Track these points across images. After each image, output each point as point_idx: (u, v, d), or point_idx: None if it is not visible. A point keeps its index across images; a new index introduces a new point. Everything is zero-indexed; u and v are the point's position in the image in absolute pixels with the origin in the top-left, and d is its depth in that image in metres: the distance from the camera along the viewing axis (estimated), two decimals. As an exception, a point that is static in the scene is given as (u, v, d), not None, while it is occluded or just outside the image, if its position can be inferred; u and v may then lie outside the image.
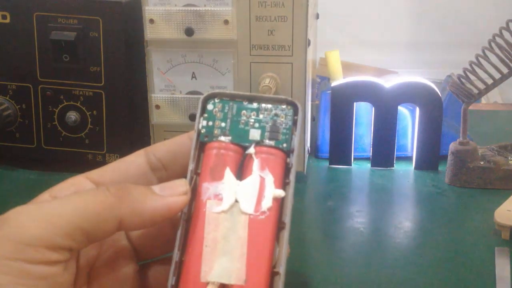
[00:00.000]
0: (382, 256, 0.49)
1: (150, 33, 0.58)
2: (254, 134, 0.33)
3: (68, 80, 0.62)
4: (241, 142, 0.33)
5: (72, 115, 0.62)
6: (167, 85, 0.60)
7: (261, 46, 0.57)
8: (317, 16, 0.72)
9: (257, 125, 0.33)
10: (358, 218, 0.55)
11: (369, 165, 0.67)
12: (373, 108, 0.65)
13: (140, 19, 0.58)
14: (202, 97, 0.34)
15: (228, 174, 0.32)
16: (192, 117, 0.59)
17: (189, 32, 0.57)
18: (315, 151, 0.70)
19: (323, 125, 0.69)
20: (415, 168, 0.67)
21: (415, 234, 0.53)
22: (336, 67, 0.71)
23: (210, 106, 0.34)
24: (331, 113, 0.66)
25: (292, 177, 0.32)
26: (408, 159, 0.68)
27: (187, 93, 0.60)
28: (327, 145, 0.68)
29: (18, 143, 0.65)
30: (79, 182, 0.33)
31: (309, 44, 0.58)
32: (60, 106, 0.63)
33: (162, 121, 0.61)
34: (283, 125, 0.33)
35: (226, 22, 0.56)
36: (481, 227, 0.53)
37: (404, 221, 0.55)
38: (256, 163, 0.32)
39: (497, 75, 0.59)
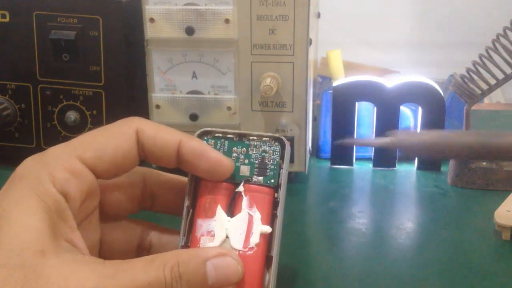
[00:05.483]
0: (384, 257, 0.49)
1: (150, 32, 0.57)
2: (244, 170, 0.35)
3: (68, 79, 0.62)
4: (232, 178, 0.35)
5: (72, 115, 0.62)
6: (168, 85, 0.59)
7: (262, 46, 0.57)
8: (319, 15, 0.72)
9: (246, 161, 0.35)
10: (359, 219, 0.55)
11: (371, 165, 0.67)
12: (375, 108, 0.65)
13: (140, 18, 0.57)
14: (195, 134, 0.36)
15: (220, 211, 0.34)
16: (193, 117, 0.59)
17: (189, 31, 0.57)
18: (316, 151, 0.70)
19: (324, 125, 0.68)
20: (417, 168, 0.66)
21: (417, 235, 0.53)
22: (337, 66, 0.71)
23: None
24: (332, 113, 0.65)
25: (279, 210, 0.34)
26: (410, 159, 0.68)
27: (188, 93, 0.59)
28: (329, 145, 0.67)
29: (18, 143, 0.65)
30: (78, 171, 0.33)
31: (310, 44, 0.57)
32: (60, 105, 0.63)
33: (162, 121, 0.60)
34: (271, 161, 0.35)
35: (227, 21, 0.56)
36: (483, 228, 0.53)
37: (406, 222, 0.55)
38: (245, 201, 0.34)
39: (500, 76, 0.58)
